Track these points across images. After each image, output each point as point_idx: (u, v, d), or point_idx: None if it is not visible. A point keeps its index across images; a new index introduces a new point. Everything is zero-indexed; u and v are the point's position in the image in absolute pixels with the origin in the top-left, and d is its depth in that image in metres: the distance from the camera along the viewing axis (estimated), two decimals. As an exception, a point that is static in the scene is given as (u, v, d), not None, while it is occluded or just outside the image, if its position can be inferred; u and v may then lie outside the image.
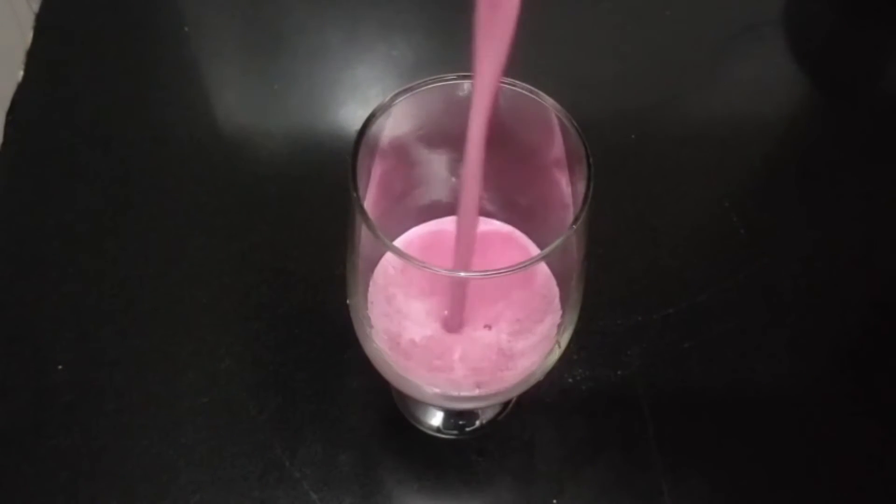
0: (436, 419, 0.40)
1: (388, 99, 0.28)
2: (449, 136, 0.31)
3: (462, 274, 0.27)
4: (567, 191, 0.30)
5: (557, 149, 0.29)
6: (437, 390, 0.31)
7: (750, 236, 0.46)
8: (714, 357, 0.42)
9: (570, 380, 0.40)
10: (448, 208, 0.35)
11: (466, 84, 0.28)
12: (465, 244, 0.29)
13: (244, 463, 0.38)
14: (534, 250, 0.34)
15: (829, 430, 0.40)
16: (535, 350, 0.31)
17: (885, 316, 0.44)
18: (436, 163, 0.32)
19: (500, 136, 0.28)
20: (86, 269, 0.44)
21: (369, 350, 0.32)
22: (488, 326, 0.31)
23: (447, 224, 0.35)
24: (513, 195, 0.33)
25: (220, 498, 0.37)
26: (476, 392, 0.31)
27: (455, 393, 0.31)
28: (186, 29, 0.55)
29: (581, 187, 0.27)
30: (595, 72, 0.54)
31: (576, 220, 0.26)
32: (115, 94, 0.51)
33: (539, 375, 0.32)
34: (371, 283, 0.31)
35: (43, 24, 0.54)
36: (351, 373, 0.40)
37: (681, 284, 0.44)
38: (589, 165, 0.27)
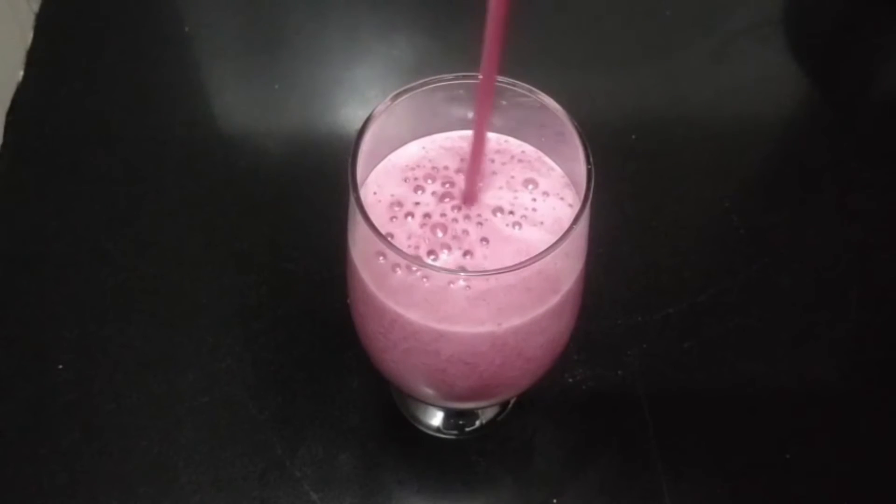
0: (436, 419, 0.40)
1: (387, 99, 0.28)
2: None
3: (462, 281, 0.27)
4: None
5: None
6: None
7: (750, 236, 0.46)
8: (714, 357, 0.42)
9: (570, 380, 0.40)
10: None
11: (467, 83, 0.28)
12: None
13: (244, 463, 0.38)
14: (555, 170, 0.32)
15: (828, 429, 0.40)
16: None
17: (885, 316, 0.44)
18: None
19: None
20: (86, 269, 0.44)
21: (368, 347, 0.32)
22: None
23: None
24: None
25: (220, 498, 0.37)
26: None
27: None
28: (186, 29, 0.55)
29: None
30: (595, 72, 0.54)
31: (576, 219, 0.26)
32: (115, 94, 0.51)
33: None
34: (368, 279, 0.31)
35: (43, 24, 0.54)
36: (351, 373, 0.40)
37: (681, 284, 0.44)
38: (589, 166, 0.27)
